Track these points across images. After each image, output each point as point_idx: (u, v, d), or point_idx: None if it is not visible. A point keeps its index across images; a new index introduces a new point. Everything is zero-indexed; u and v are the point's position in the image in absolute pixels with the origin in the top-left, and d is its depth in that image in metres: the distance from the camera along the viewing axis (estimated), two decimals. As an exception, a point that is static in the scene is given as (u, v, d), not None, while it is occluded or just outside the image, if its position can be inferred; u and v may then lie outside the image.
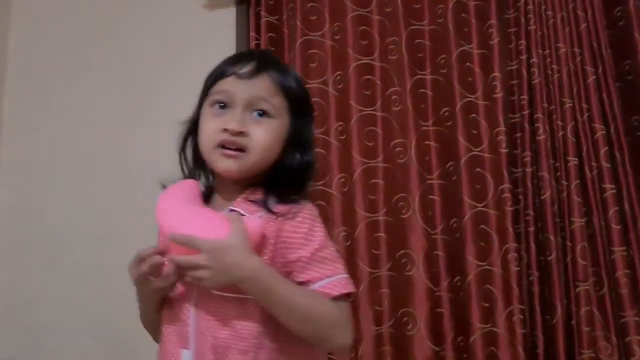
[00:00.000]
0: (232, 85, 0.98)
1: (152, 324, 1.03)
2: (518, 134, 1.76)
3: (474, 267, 1.71)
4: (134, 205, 1.85)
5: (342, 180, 1.81)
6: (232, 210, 0.97)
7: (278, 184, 0.99)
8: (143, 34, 2.12)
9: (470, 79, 1.82)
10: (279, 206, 0.96)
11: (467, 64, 1.83)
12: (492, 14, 1.84)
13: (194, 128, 1.04)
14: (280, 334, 0.92)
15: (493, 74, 1.81)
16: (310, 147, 1.04)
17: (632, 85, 1.71)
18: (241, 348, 0.91)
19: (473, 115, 1.80)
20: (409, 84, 1.86)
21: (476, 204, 1.75)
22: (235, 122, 0.96)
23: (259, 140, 0.97)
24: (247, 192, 1.00)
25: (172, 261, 0.92)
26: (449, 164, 1.81)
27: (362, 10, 1.91)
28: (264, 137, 0.97)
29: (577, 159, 1.68)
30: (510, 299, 1.68)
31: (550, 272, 1.64)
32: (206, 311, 0.93)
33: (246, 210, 0.97)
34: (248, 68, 0.98)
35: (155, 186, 1.03)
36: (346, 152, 1.82)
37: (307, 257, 0.93)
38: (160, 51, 2.08)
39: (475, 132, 1.80)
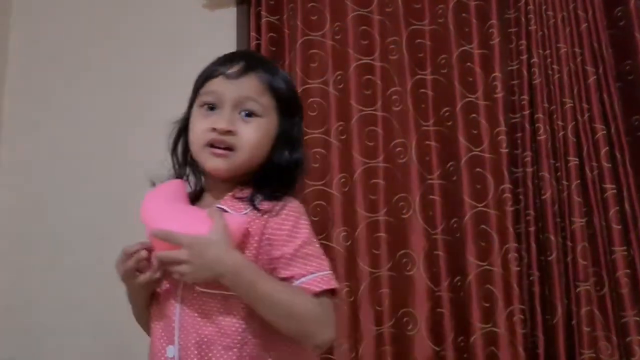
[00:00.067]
0: (220, 85, 1.00)
1: (143, 320, 1.05)
2: (519, 134, 1.76)
3: (475, 267, 1.71)
4: (134, 205, 1.83)
5: (343, 180, 1.81)
6: (219, 208, 0.98)
7: (267, 182, 1.00)
8: (143, 34, 2.12)
9: (470, 79, 1.83)
10: (264, 203, 0.97)
11: (468, 64, 1.84)
12: (492, 14, 1.84)
13: (185, 128, 1.05)
14: (264, 330, 0.93)
15: (494, 74, 1.81)
16: (300, 145, 1.05)
17: (633, 85, 1.72)
18: (225, 344, 0.91)
19: (473, 115, 1.81)
20: (409, 84, 1.86)
21: (476, 204, 1.75)
22: (224, 121, 0.97)
23: (247, 139, 0.98)
24: (236, 190, 1.01)
25: (155, 257, 0.94)
26: (450, 164, 1.82)
27: (363, 10, 1.91)
28: (252, 136, 0.98)
29: (577, 159, 1.68)
30: (511, 299, 1.68)
31: (551, 272, 1.64)
32: (191, 307, 0.94)
33: (232, 207, 0.98)
34: (236, 68, 0.99)
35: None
36: (347, 152, 1.82)
37: (291, 254, 0.94)
38: (160, 51, 2.08)
39: (475, 132, 1.80)
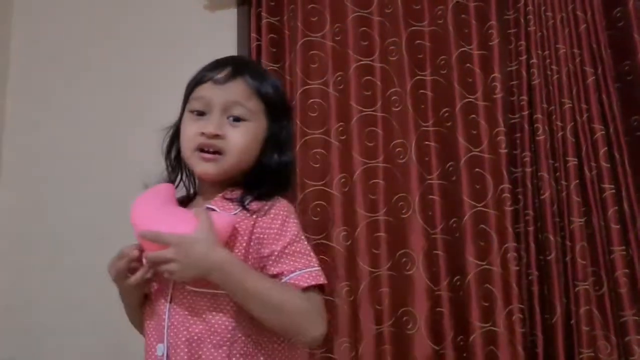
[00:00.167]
0: (209, 91, 1.02)
1: (136, 320, 1.06)
2: (518, 135, 1.77)
3: (474, 266, 1.72)
4: (134, 205, 1.84)
5: (343, 180, 1.81)
6: (208, 208, 1.00)
7: (257, 184, 1.02)
8: (143, 34, 2.12)
9: (470, 80, 1.83)
10: (253, 204, 0.99)
11: (467, 64, 1.84)
12: (492, 15, 1.85)
13: (178, 133, 1.07)
14: (254, 328, 0.94)
15: (493, 75, 1.82)
16: (289, 148, 1.07)
17: (632, 85, 1.72)
18: (215, 342, 0.93)
19: (473, 115, 1.81)
20: (409, 85, 1.86)
21: (476, 204, 1.76)
22: (212, 125, 0.99)
23: (235, 143, 1.00)
24: (226, 192, 1.03)
25: (144, 258, 0.95)
26: (449, 164, 1.82)
27: (363, 12, 1.91)
28: (240, 140, 1.00)
29: (576, 159, 1.69)
30: (510, 299, 1.68)
31: (550, 271, 1.64)
32: (180, 306, 0.96)
33: (222, 207, 1.00)
34: (223, 74, 1.02)
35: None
36: (347, 153, 1.83)
37: (279, 251, 0.96)
38: (161, 52, 2.08)
39: (475, 132, 1.81)
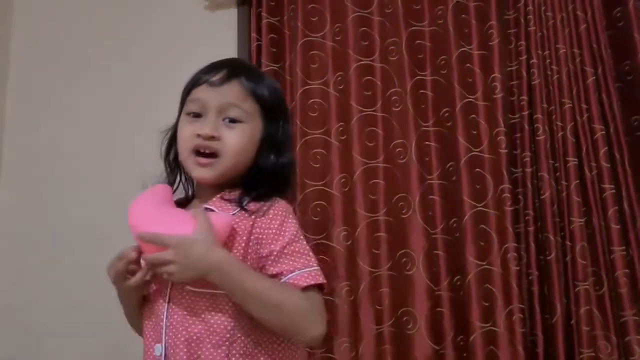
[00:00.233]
0: (204, 93, 1.02)
1: (134, 321, 1.07)
2: (518, 135, 1.77)
3: (474, 266, 1.72)
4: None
5: (343, 180, 1.81)
6: (206, 208, 1.00)
7: (255, 185, 1.02)
8: (143, 34, 2.12)
9: (470, 80, 1.83)
10: (252, 204, 0.99)
11: (467, 64, 1.84)
12: (492, 15, 1.85)
13: (175, 135, 1.08)
14: (253, 327, 0.94)
15: (493, 75, 1.82)
16: (286, 149, 1.07)
17: (632, 85, 1.72)
18: (214, 342, 0.93)
19: (473, 115, 1.81)
20: (409, 85, 1.86)
21: (476, 204, 1.76)
22: (208, 127, 1.00)
23: (231, 145, 1.00)
24: (224, 192, 1.03)
25: (143, 260, 0.96)
26: (449, 164, 1.82)
27: (363, 12, 1.91)
28: (236, 141, 1.01)
29: (576, 159, 1.69)
30: (510, 299, 1.68)
31: (550, 271, 1.64)
32: (179, 306, 0.96)
33: (220, 208, 1.00)
34: (219, 76, 1.02)
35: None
36: (347, 153, 1.83)
37: (278, 251, 0.96)
38: (161, 52, 2.08)
39: (475, 132, 1.81)
